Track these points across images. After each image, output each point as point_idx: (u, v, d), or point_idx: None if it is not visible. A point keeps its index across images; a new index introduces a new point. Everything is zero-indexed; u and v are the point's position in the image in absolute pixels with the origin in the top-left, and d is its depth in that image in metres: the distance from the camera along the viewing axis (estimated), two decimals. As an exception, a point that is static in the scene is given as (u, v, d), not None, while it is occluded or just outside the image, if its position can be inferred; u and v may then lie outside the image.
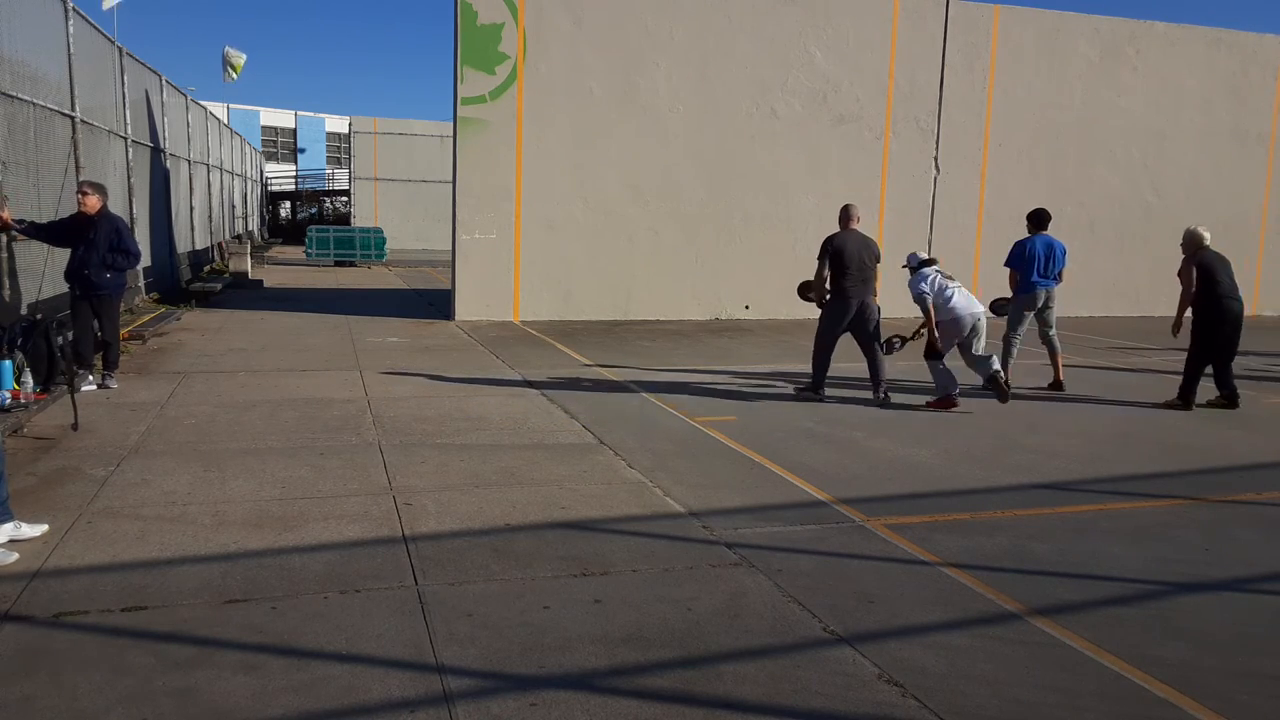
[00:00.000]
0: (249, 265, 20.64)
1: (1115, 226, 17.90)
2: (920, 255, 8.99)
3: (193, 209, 20.75)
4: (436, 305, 16.60)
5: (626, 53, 14.97)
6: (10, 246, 9.01)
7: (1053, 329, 9.94)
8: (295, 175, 51.38)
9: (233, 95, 49.52)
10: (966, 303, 8.62)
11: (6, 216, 8.37)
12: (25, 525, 4.74)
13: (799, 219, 15.78)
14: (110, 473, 5.95)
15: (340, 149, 52.24)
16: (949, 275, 8.82)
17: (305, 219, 45.50)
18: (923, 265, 8.80)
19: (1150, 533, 5.42)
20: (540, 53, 14.53)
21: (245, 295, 17.80)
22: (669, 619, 4.04)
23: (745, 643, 3.85)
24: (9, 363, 6.82)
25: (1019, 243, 9.93)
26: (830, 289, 8.85)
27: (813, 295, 9.04)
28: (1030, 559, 4.92)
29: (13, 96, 9.11)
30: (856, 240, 8.81)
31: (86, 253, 8.45)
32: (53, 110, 10.44)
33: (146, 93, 16.51)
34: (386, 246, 27.54)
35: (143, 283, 14.58)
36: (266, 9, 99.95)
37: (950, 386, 8.64)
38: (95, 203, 8.55)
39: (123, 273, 8.87)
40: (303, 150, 54.49)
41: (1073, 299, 15.97)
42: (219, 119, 28.15)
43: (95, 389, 8.45)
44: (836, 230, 8.99)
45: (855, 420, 8.20)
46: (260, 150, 47.31)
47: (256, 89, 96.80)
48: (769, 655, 3.75)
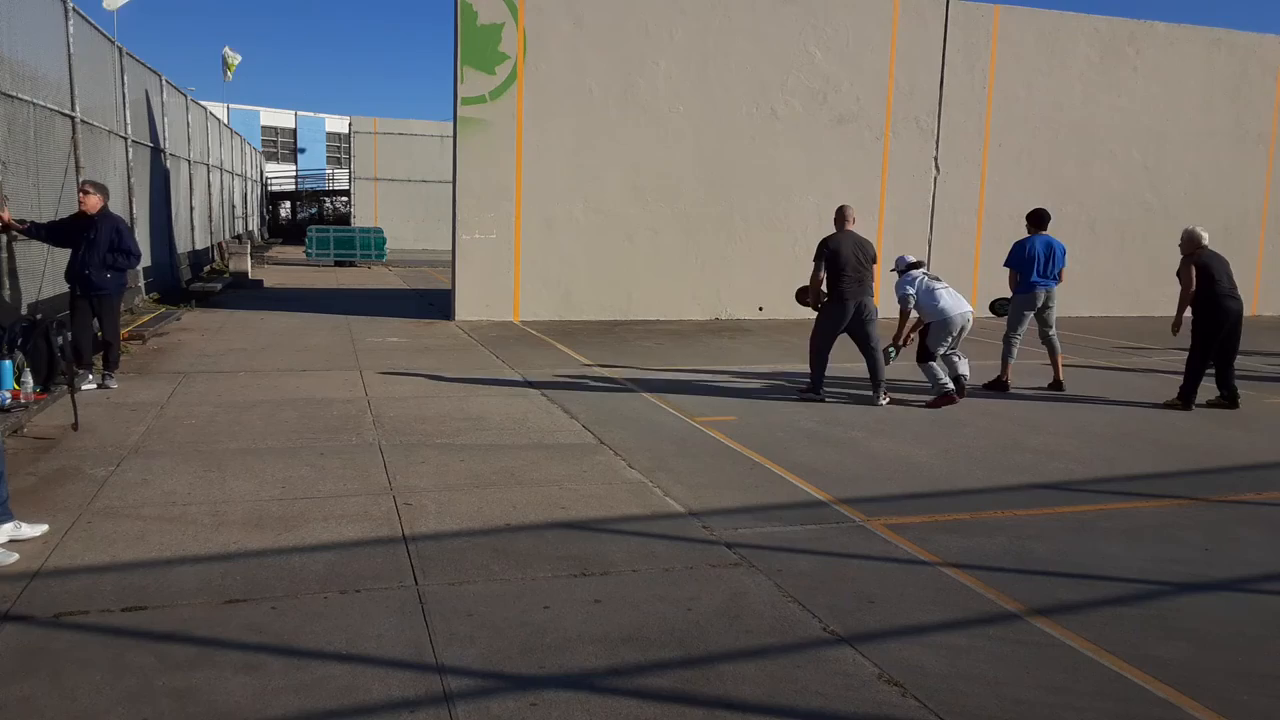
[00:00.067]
0: (249, 265, 20.65)
1: (1115, 226, 17.90)
2: (908, 258, 9.20)
3: (193, 209, 20.75)
4: (436, 305, 16.60)
5: (626, 53, 14.98)
6: (10, 246, 9.01)
7: (1053, 329, 9.95)
8: (295, 175, 51.41)
9: (233, 95, 49.55)
10: (955, 302, 8.85)
11: (7, 216, 8.38)
12: (25, 525, 4.74)
13: (799, 219, 15.78)
14: (110, 473, 5.95)
15: (340, 149, 52.25)
16: (935, 276, 9.08)
17: (305, 219, 45.52)
18: (910, 268, 9.04)
19: (1150, 533, 5.42)
20: (540, 53, 14.53)
21: (245, 295, 17.80)
22: (669, 619, 4.04)
23: (745, 643, 3.85)
24: (9, 363, 6.84)
25: (1018, 243, 9.94)
26: (827, 291, 8.86)
27: (809, 300, 9.06)
28: (1030, 559, 4.92)
29: (13, 96, 9.11)
30: (852, 241, 8.82)
31: (87, 252, 8.45)
32: (53, 110, 10.44)
33: (146, 93, 16.51)
34: (386, 246, 27.55)
35: (143, 283, 14.58)
36: (266, 9, 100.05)
37: (947, 384, 8.81)
38: (96, 202, 8.55)
39: (123, 272, 8.88)
40: (303, 150, 54.51)
41: (1073, 299, 15.97)
42: (219, 119, 28.16)
43: (95, 389, 8.46)
44: (832, 232, 9.01)
45: (855, 420, 8.21)
46: (260, 150, 47.32)
47: (256, 89, 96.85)
48: (769, 655, 3.75)
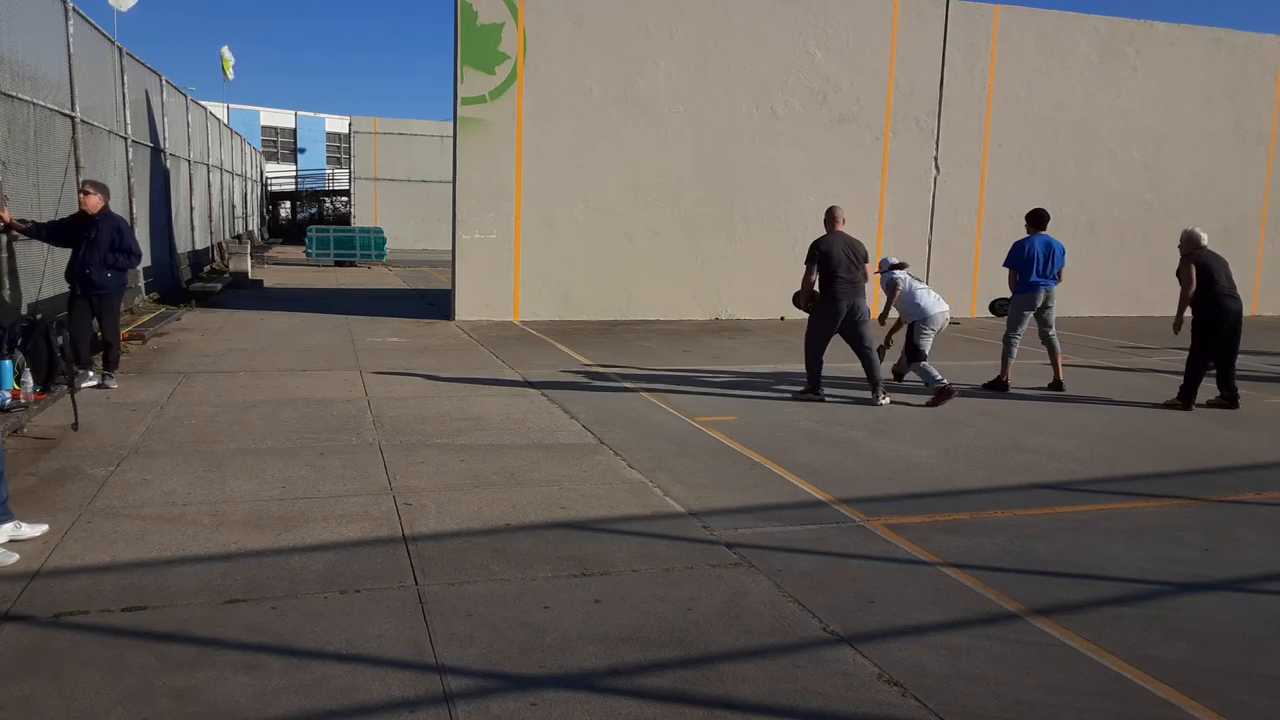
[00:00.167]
0: (249, 265, 20.65)
1: (1115, 226, 17.90)
2: (891, 260, 9.65)
3: (193, 209, 20.75)
4: (436, 305, 16.60)
5: (626, 53, 14.98)
6: (10, 246, 9.01)
7: (1052, 329, 9.95)
8: (295, 175, 51.41)
9: (233, 95, 49.51)
10: (935, 302, 9.29)
11: (8, 216, 8.38)
12: (25, 525, 4.73)
13: (799, 219, 15.77)
14: (110, 473, 5.95)
15: (340, 149, 52.25)
16: (916, 277, 9.64)
17: (305, 219, 45.53)
18: (894, 268, 9.48)
19: (1150, 533, 5.42)
20: (540, 53, 14.54)
21: (245, 295, 17.81)
22: (669, 619, 4.04)
23: (745, 643, 3.85)
24: (9, 363, 6.83)
25: (1018, 243, 9.95)
26: (820, 292, 8.90)
27: (803, 302, 9.09)
28: (1030, 559, 4.92)
29: (13, 96, 9.11)
30: (843, 242, 8.87)
31: (88, 252, 8.46)
32: (53, 110, 10.44)
33: (146, 93, 16.51)
34: (386, 246, 27.55)
35: (143, 283, 14.58)
36: (266, 9, 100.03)
37: (941, 379, 8.96)
38: (97, 202, 8.56)
39: (124, 272, 8.89)
40: (303, 150, 54.51)
41: (1073, 299, 15.98)
42: (219, 119, 28.16)
43: (94, 385, 8.46)
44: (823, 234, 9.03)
45: (855, 420, 8.21)
46: (260, 150, 47.32)
47: (256, 89, 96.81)
48: (769, 655, 3.75)
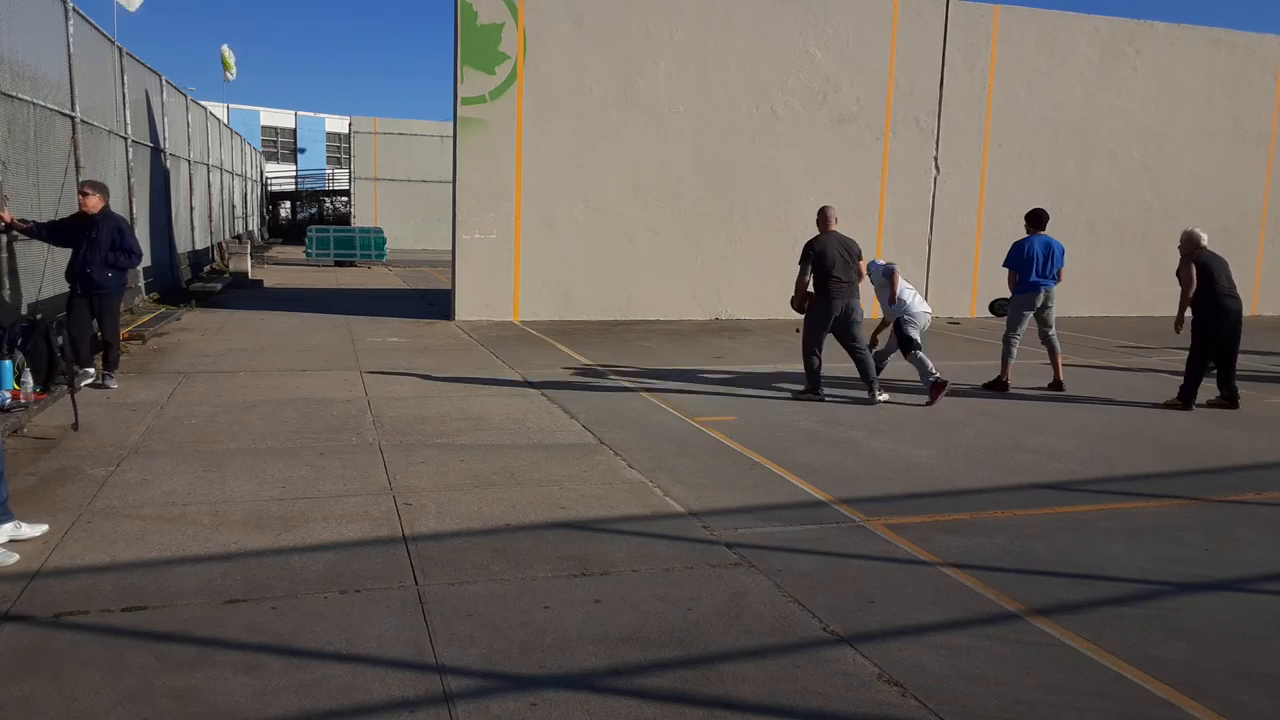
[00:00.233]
0: (249, 265, 20.65)
1: (1115, 226, 17.90)
2: (879, 262, 9.85)
3: (193, 209, 20.75)
4: (436, 305, 16.60)
5: (626, 53, 14.98)
6: (10, 246, 9.02)
7: (1052, 329, 9.95)
8: (295, 175, 51.40)
9: (233, 95, 49.43)
10: (920, 302, 9.55)
11: (9, 216, 8.38)
12: (25, 525, 4.73)
13: (799, 219, 15.71)
14: (110, 473, 5.95)
15: (340, 149, 52.25)
16: (906, 280, 9.90)
17: (305, 219, 45.52)
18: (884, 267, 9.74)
19: (1150, 533, 5.42)
20: (540, 53, 14.53)
21: (245, 295, 17.80)
22: (669, 619, 4.04)
23: (745, 643, 3.85)
24: (9, 363, 6.83)
25: (1017, 243, 9.95)
26: (815, 292, 8.91)
27: (795, 303, 9.10)
28: (1030, 559, 4.92)
29: (13, 96, 9.11)
30: (837, 241, 8.90)
31: (89, 251, 8.46)
32: (53, 110, 10.44)
33: (146, 93, 16.51)
34: (386, 246, 27.55)
35: (143, 283, 14.58)
36: (266, 9, 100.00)
37: (934, 371, 9.11)
38: (97, 202, 8.57)
39: (124, 272, 8.89)
40: (303, 150, 54.50)
41: (1073, 299, 15.98)
42: (219, 119, 28.15)
43: (93, 383, 8.46)
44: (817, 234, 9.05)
45: (855, 420, 8.21)
46: (260, 150, 47.31)
47: (256, 89, 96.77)
48: (769, 655, 3.75)
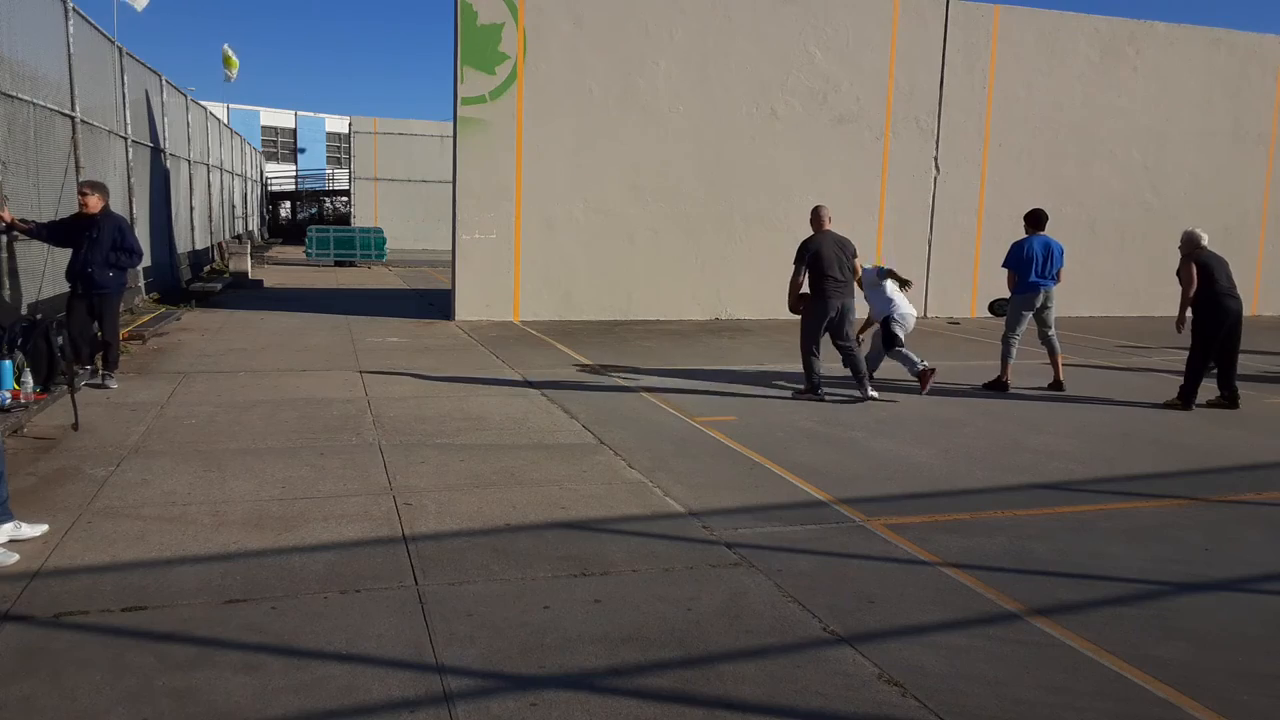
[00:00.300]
0: (249, 265, 20.64)
1: (1115, 226, 17.89)
2: (870, 266, 10.03)
3: (193, 209, 20.75)
4: (436, 305, 16.60)
5: (626, 53, 14.98)
6: (10, 246, 9.02)
7: (1051, 329, 9.95)
8: (295, 175, 51.40)
9: (233, 95, 49.43)
10: (904, 303, 9.76)
11: (9, 216, 8.38)
12: (25, 525, 4.73)
13: (799, 219, 15.58)
14: (110, 473, 5.95)
15: (340, 149, 52.24)
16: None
17: (305, 219, 45.51)
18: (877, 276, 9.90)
19: (1150, 533, 5.42)
20: (540, 53, 14.53)
21: (245, 295, 17.80)
22: (669, 619, 4.04)
23: (745, 643, 3.85)
24: (9, 363, 6.84)
25: (1017, 243, 9.95)
26: (811, 292, 8.91)
27: (791, 304, 9.11)
28: (1030, 559, 4.92)
29: (13, 96, 9.11)
30: (832, 241, 8.91)
31: (90, 251, 8.46)
32: (53, 110, 10.44)
33: (146, 93, 16.51)
34: (386, 246, 27.55)
35: (143, 283, 14.58)
36: (266, 9, 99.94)
37: (919, 361, 9.41)
38: (97, 203, 8.57)
39: (125, 271, 8.90)
40: (303, 150, 54.50)
41: (1073, 299, 15.99)
42: (219, 119, 28.15)
43: (93, 380, 8.46)
44: (811, 234, 9.05)
45: (855, 420, 8.21)
46: (260, 150, 47.31)
47: (256, 89, 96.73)
48: (769, 655, 3.75)
